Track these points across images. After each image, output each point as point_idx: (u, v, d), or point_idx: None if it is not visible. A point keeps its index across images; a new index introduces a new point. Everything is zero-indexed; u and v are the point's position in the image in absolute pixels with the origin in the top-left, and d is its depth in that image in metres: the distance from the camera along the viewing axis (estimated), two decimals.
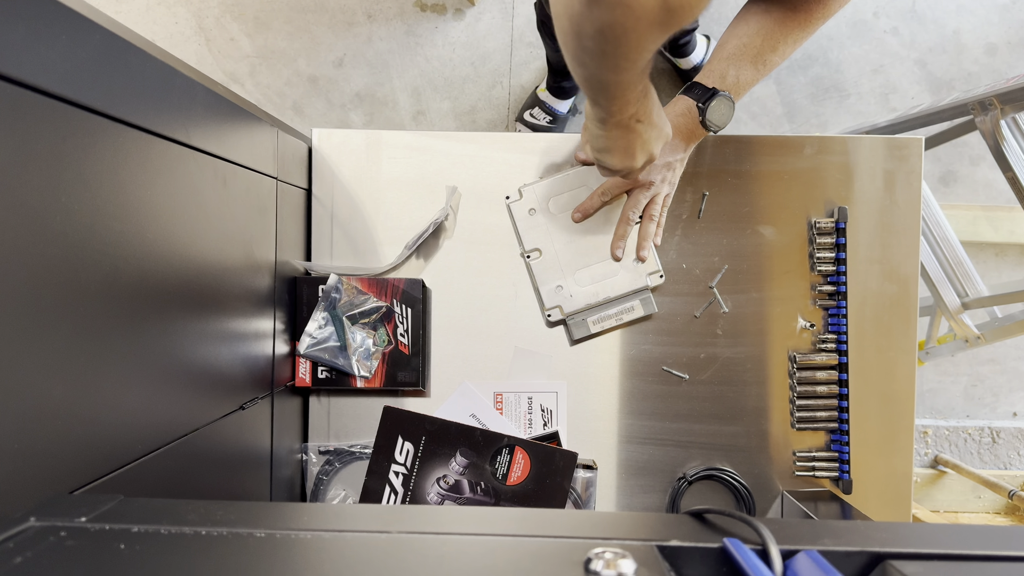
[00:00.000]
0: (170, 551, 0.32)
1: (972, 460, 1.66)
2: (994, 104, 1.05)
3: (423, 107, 1.62)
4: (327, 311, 0.79)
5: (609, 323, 0.83)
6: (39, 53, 0.37)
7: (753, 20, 0.74)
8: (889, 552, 0.35)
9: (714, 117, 0.74)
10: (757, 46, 0.74)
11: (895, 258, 0.83)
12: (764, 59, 0.74)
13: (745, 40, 0.74)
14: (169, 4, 1.60)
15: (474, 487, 0.78)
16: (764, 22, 0.74)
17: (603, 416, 0.84)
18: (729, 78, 0.74)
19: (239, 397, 0.65)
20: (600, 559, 0.31)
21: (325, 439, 0.84)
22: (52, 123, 0.38)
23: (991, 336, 1.23)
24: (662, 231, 0.82)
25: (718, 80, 0.74)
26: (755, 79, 0.75)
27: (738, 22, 0.76)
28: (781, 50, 0.74)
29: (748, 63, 0.74)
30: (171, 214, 0.51)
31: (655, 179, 0.79)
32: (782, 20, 0.73)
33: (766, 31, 0.73)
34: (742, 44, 0.74)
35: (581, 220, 0.82)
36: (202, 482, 0.57)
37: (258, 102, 1.61)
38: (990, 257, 1.66)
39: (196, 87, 0.54)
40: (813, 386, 0.82)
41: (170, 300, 0.51)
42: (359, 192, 0.84)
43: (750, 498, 0.82)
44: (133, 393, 0.46)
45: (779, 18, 0.73)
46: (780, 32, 0.73)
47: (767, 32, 0.73)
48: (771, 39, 0.74)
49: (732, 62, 0.74)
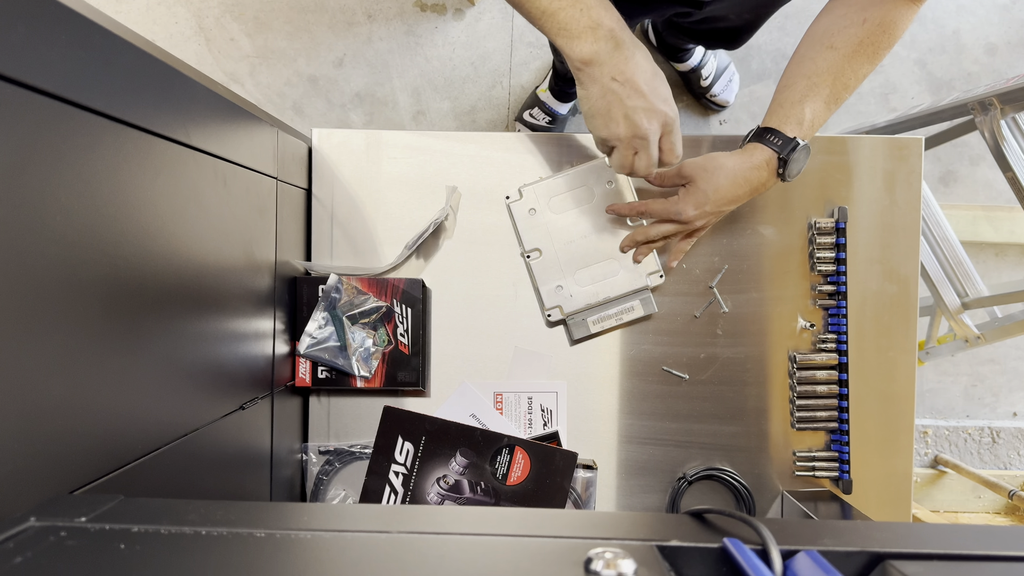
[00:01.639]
0: (170, 551, 0.32)
1: (972, 460, 1.66)
2: (994, 104, 1.05)
3: (423, 107, 1.62)
4: (327, 311, 0.79)
5: (609, 323, 0.83)
6: (39, 53, 0.37)
7: (820, 59, 0.71)
8: (889, 552, 0.35)
9: (793, 169, 0.71)
10: (829, 84, 0.71)
11: (895, 258, 0.83)
12: (837, 97, 0.71)
13: (816, 79, 0.71)
14: (169, 4, 1.60)
15: (474, 487, 0.78)
16: (833, 60, 0.70)
17: (603, 416, 0.84)
18: (806, 123, 0.71)
19: (239, 397, 0.65)
20: (600, 559, 0.31)
21: (325, 439, 0.83)
22: (52, 123, 0.38)
23: (991, 336, 1.23)
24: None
25: (796, 126, 0.71)
26: (826, 118, 0.72)
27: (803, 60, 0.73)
28: (852, 86, 0.72)
29: (822, 103, 0.71)
30: (171, 214, 0.51)
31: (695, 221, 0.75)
32: (850, 56, 0.70)
33: (836, 70, 0.70)
34: (812, 84, 0.71)
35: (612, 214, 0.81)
36: (202, 482, 0.57)
37: (258, 102, 1.61)
38: (990, 257, 1.66)
39: (196, 87, 0.54)
40: (813, 386, 0.82)
41: (170, 300, 0.51)
42: (359, 192, 0.84)
43: (750, 498, 0.82)
44: (133, 393, 0.46)
45: (847, 54, 0.70)
46: (850, 68, 0.71)
47: (838, 70, 0.70)
48: (843, 77, 0.71)
49: (808, 103, 0.71)
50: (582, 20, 0.62)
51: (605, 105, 0.65)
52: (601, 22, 0.63)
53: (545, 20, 0.63)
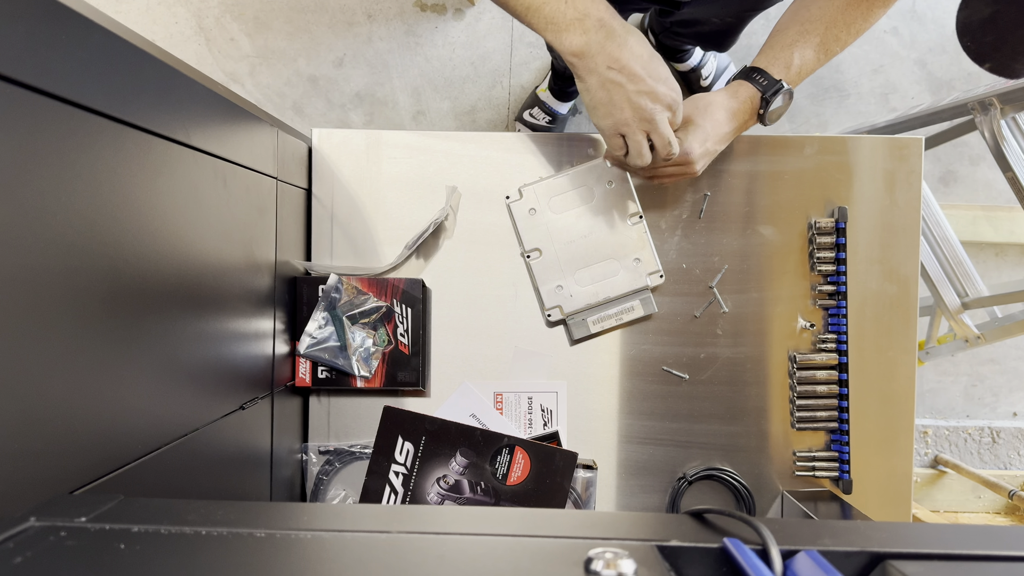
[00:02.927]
0: (170, 551, 0.32)
1: (972, 460, 1.66)
2: (994, 104, 1.05)
3: (423, 107, 1.62)
4: (327, 311, 0.79)
5: (609, 323, 0.83)
6: (39, 53, 0.37)
7: (815, 7, 0.72)
8: (889, 552, 0.35)
9: (773, 112, 0.72)
10: (820, 34, 0.71)
11: (895, 258, 0.83)
12: (827, 48, 0.72)
13: (808, 27, 0.72)
14: (169, 4, 1.60)
15: (474, 487, 0.78)
16: (827, 9, 0.71)
17: (603, 416, 0.84)
18: (794, 68, 0.72)
19: (239, 397, 0.65)
20: (600, 559, 0.31)
21: (325, 439, 0.83)
22: (52, 123, 0.38)
23: (991, 336, 1.23)
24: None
25: (783, 69, 0.72)
26: (814, 68, 0.73)
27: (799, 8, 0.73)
28: (843, 40, 0.72)
29: (811, 51, 0.71)
30: (171, 214, 0.51)
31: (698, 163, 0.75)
32: (844, 8, 0.71)
33: (829, 19, 0.71)
34: (804, 31, 0.72)
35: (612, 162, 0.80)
36: (202, 482, 0.57)
37: (258, 102, 1.61)
38: (990, 257, 1.66)
39: (196, 87, 0.54)
40: (813, 386, 0.82)
41: (170, 300, 0.51)
42: (359, 192, 0.84)
43: (750, 498, 0.82)
44: (133, 393, 0.46)
45: (842, 6, 0.71)
46: (843, 21, 0.71)
47: (831, 20, 0.71)
48: (835, 28, 0.71)
49: (797, 49, 0.72)
50: (568, 12, 0.62)
51: (606, 95, 0.65)
52: (588, 12, 0.62)
53: (531, 16, 0.63)
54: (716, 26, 1.05)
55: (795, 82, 0.72)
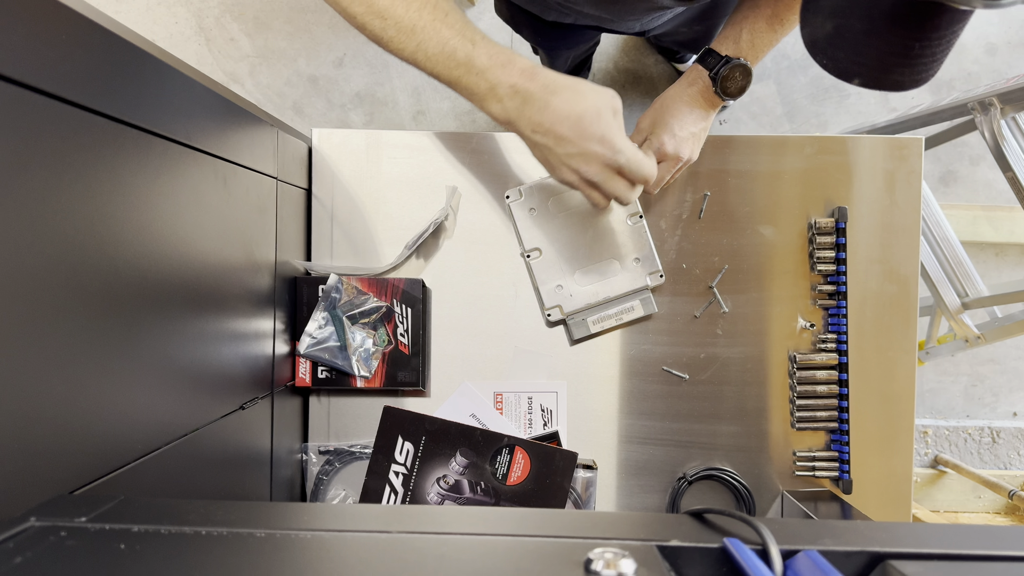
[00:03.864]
0: (170, 551, 0.32)
1: (972, 460, 1.66)
2: (994, 104, 1.05)
3: (423, 107, 1.62)
4: (327, 311, 0.79)
5: (609, 323, 0.83)
6: (39, 53, 0.37)
7: None
8: (889, 552, 0.35)
9: (729, 86, 0.71)
10: (772, 5, 0.69)
11: (895, 258, 0.83)
12: (781, 18, 0.69)
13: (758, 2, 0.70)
14: (169, 4, 1.60)
15: (474, 487, 0.78)
16: None
17: (603, 416, 0.84)
18: (743, 41, 0.70)
19: (239, 397, 0.65)
20: (600, 559, 0.31)
21: (325, 439, 0.84)
22: (52, 123, 0.38)
23: (991, 336, 1.23)
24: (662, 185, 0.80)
25: (732, 45, 0.71)
26: (772, 40, 0.71)
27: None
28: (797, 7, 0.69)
29: (763, 22, 0.70)
30: (171, 214, 0.51)
31: (684, 153, 0.75)
32: None
33: None
34: (755, 5, 0.71)
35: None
36: (202, 482, 0.57)
37: (258, 102, 1.61)
38: (990, 257, 1.66)
39: (196, 87, 0.54)
40: (813, 386, 0.82)
41: (170, 300, 0.51)
42: (359, 192, 0.84)
43: (750, 498, 0.82)
44: (133, 393, 0.46)
45: None
46: None
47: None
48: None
49: (745, 24, 0.71)
50: (481, 84, 0.60)
51: (542, 156, 0.64)
52: (499, 80, 0.59)
53: (456, 88, 0.62)
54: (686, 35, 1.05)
55: (749, 55, 0.71)
